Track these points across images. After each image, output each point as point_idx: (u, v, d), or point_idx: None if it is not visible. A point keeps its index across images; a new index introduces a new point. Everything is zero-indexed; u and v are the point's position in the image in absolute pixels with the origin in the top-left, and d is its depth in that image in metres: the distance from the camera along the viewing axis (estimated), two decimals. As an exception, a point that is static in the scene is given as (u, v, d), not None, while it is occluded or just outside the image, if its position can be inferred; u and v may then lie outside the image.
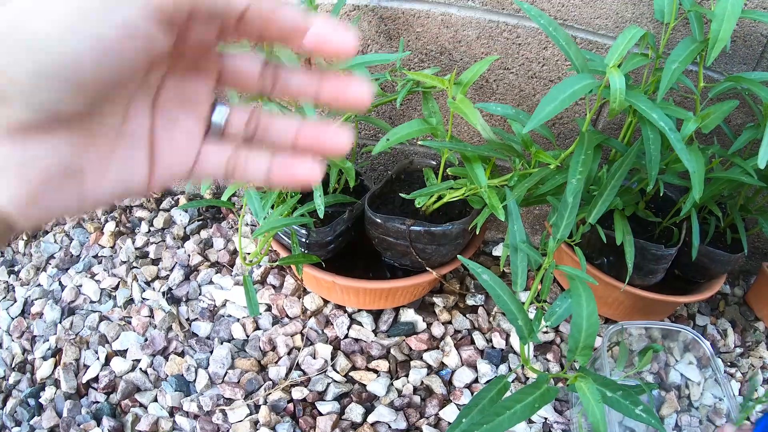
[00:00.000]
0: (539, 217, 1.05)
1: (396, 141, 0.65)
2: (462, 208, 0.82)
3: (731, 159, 0.74)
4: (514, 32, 0.79)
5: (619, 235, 0.73)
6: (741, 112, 0.86)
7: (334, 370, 0.85)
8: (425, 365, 0.87)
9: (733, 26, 0.59)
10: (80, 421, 0.79)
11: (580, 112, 0.87)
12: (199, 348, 0.88)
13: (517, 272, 0.59)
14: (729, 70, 0.82)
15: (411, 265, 0.83)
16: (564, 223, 0.60)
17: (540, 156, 0.67)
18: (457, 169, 0.72)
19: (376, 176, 1.07)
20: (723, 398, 0.86)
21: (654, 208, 0.89)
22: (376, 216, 0.76)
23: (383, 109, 0.94)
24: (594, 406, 0.41)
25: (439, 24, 0.80)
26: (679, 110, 0.63)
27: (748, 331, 1.02)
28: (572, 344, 0.44)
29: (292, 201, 0.75)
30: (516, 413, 0.41)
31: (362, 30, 0.84)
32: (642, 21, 0.77)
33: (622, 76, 0.55)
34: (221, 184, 1.21)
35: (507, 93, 0.86)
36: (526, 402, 0.41)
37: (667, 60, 0.61)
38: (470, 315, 0.94)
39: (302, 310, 0.93)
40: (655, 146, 0.62)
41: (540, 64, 0.82)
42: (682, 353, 0.92)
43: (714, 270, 0.87)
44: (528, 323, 0.51)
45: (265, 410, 0.79)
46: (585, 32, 0.79)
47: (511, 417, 0.40)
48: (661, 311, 0.96)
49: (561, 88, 0.54)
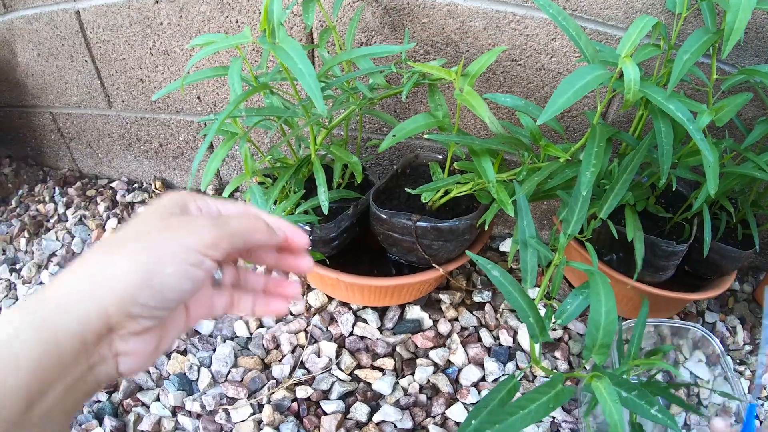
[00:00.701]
0: (547, 212, 1.04)
1: (402, 137, 0.64)
2: (469, 203, 0.81)
3: (744, 153, 0.72)
4: (522, 23, 0.78)
5: (630, 231, 0.71)
6: (752, 106, 0.84)
7: (339, 368, 0.84)
8: (431, 363, 0.86)
9: (749, 17, 0.58)
10: (82, 420, 0.78)
11: (588, 105, 0.86)
12: (201, 346, 0.87)
13: (527, 269, 0.58)
14: (740, 63, 0.80)
15: (417, 262, 0.81)
16: (575, 219, 0.59)
17: (549, 149, 0.65)
18: (465, 163, 0.71)
19: (381, 171, 1.05)
20: (733, 396, 0.85)
21: (664, 203, 0.88)
22: (382, 211, 0.75)
23: (388, 102, 0.92)
24: (612, 407, 0.40)
25: (445, 15, 0.79)
26: (692, 103, 0.62)
27: (758, 328, 1.00)
28: (589, 342, 0.43)
29: (295, 197, 0.74)
30: (530, 413, 0.39)
31: (366, 21, 0.82)
32: (653, 11, 0.75)
33: (636, 66, 0.54)
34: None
35: (515, 85, 0.84)
36: (540, 402, 0.40)
37: (679, 51, 0.60)
38: (477, 312, 0.93)
39: (306, 307, 0.92)
40: (668, 139, 0.60)
41: (548, 55, 0.80)
42: (691, 351, 0.91)
43: (724, 266, 0.86)
44: (540, 321, 0.49)
45: (268, 409, 0.78)
46: (594, 23, 0.77)
47: (524, 417, 0.39)
48: (670, 308, 0.94)
49: (573, 79, 0.52)
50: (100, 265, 0.28)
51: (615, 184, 0.63)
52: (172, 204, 0.32)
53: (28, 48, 1.08)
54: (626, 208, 0.74)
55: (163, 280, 0.29)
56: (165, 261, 0.29)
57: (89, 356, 0.28)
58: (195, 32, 0.93)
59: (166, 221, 0.30)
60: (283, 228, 0.35)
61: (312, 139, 0.72)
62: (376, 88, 0.70)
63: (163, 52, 0.98)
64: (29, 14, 1.02)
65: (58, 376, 0.27)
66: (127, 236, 0.30)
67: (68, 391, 0.28)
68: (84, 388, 0.29)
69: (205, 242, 0.30)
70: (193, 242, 0.30)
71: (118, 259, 0.28)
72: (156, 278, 0.28)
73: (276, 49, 0.52)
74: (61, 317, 0.27)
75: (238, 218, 0.33)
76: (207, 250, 0.30)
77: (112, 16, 0.96)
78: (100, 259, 0.29)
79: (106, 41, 1.00)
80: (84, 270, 0.28)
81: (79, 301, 0.27)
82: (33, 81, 1.14)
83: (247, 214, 0.35)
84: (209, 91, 1.02)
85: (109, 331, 0.28)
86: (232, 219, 0.32)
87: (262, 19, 0.53)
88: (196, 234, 0.30)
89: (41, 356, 0.26)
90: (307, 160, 0.75)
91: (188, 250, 0.29)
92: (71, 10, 0.98)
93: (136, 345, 0.30)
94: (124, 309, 0.28)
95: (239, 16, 0.88)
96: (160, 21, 0.94)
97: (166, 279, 0.29)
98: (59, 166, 1.33)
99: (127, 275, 0.28)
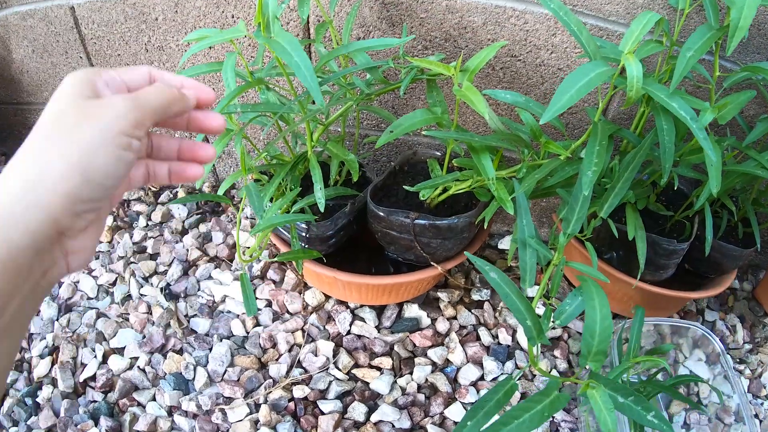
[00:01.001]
0: (546, 210, 1.03)
1: (400, 133, 0.63)
2: (467, 200, 0.80)
3: (745, 151, 0.71)
4: (521, 18, 0.77)
5: (631, 230, 0.71)
6: (754, 103, 0.83)
7: (336, 367, 0.83)
8: (430, 362, 0.85)
9: (754, 14, 0.57)
10: (78, 420, 0.77)
11: (588, 101, 0.85)
12: (198, 345, 0.86)
13: (525, 269, 0.57)
14: (742, 60, 0.79)
15: (415, 260, 0.80)
16: (575, 218, 0.58)
17: (550, 147, 0.64)
18: (464, 160, 0.70)
19: (378, 168, 1.04)
20: (732, 395, 0.84)
21: (665, 201, 0.87)
22: (379, 209, 0.74)
23: (386, 99, 0.91)
24: (606, 415, 0.39)
25: (444, 9, 0.78)
26: (695, 100, 0.61)
27: (757, 326, 1.00)
28: (585, 350, 0.42)
29: (291, 194, 0.73)
30: (525, 423, 0.38)
31: (363, 16, 0.81)
32: (654, 7, 0.74)
33: (639, 62, 0.53)
34: (152, 186, 1.19)
35: (514, 81, 0.83)
36: (534, 411, 0.39)
37: (682, 48, 0.59)
38: (476, 310, 0.92)
39: (303, 305, 0.91)
40: (670, 137, 0.59)
41: (549, 51, 0.79)
42: (691, 350, 0.90)
43: (725, 265, 0.85)
44: (537, 323, 0.48)
45: (265, 409, 0.77)
46: (595, 18, 0.76)
47: (519, 426, 0.38)
48: (670, 307, 0.94)
49: (576, 76, 0.51)
50: (36, 167, 0.28)
51: (616, 183, 0.62)
52: (80, 85, 0.31)
53: (22, 44, 1.07)
54: (627, 207, 0.74)
55: (100, 171, 0.29)
56: (96, 152, 0.29)
57: (43, 263, 0.29)
58: (190, 28, 0.92)
59: (82, 107, 0.30)
60: (190, 88, 0.36)
61: (308, 136, 0.71)
62: (373, 84, 0.69)
63: (159, 47, 0.97)
64: (23, 10, 1.00)
65: (17, 290, 0.27)
66: (51, 129, 0.29)
67: (25, 302, 0.28)
68: (39, 295, 0.30)
69: (130, 123, 0.30)
70: (119, 126, 0.30)
71: (51, 159, 0.28)
72: (93, 172, 0.29)
73: (271, 42, 0.51)
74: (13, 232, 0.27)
75: (154, 91, 0.33)
76: (133, 131, 0.30)
77: (107, 12, 0.95)
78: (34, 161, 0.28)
79: (101, 37, 0.99)
80: (21, 176, 0.28)
81: (27, 212, 0.27)
82: (28, 78, 1.13)
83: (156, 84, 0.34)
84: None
85: (59, 235, 0.29)
86: (149, 93, 0.32)
87: (257, 12, 0.52)
88: (117, 117, 0.30)
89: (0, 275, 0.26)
90: (304, 157, 0.74)
91: (115, 135, 0.30)
92: (66, 5, 0.96)
93: (83, 240, 0.31)
94: (70, 210, 0.28)
95: (235, 11, 0.87)
96: (155, 16, 0.92)
97: (102, 169, 0.29)
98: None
99: (65, 176, 0.28)
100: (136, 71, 0.35)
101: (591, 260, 0.66)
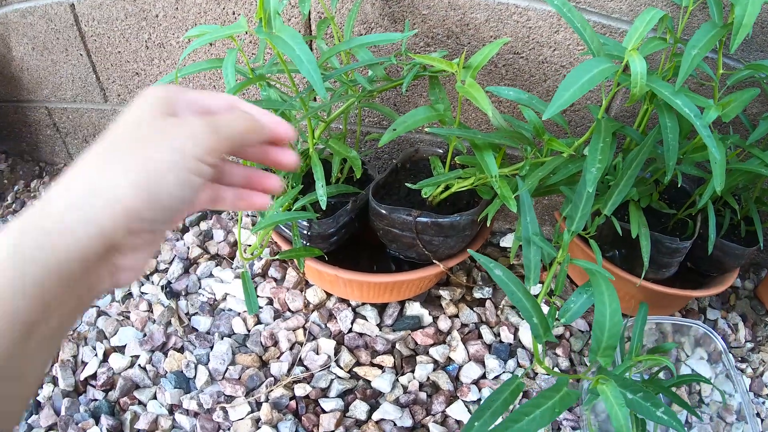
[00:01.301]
0: (548, 207, 1.03)
1: (403, 131, 0.62)
2: (470, 198, 0.80)
3: (749, 150, 0.71)
4: (524, 15, 0.76)
5: (634, 228, 0.70)
6: (757, 101, 0.83)
7: (338, 365, 0.83)
8: (431, 360, 0.85)
9: (758, 11, 0.56)
10: (78, 419, 0.77)
11: (591, 99, 0.84)
12: (198, 343, 0.86)
13: (530, 267, 0.57)
14: (746, 58, 0.79)
15: (417, 258, 0.80)
16: (579, 216, 0.58)
17: (553, 144, 0.64)
18: (466, 157, 0.70)
19: (380, 165, 1.04)
20: (734, 394, 0.84)
21: (667, 199, 0.87)
22: (381, 207, 0.74)
23: (387, 95, 0.91)
24: (618, 411, 0.39)
25: (446, 6, 0.77)
26: (699, 98, 0.61)
27: (759, 325, 1.00)
28: (595, 345, 0.42)
29: (293, 192, 0.72)
30: (535, 419, 0.38)
31: (365, 13, 0.81)
32: (657, 4, 0.74)
33: (643, 59, 0.52)
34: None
35: (516, 78, 0.83)
36: (545, 407, 0.39)
37: (687, 45, 0.58)
38: (478, 308, 0.92)
39: (305, 303, 0.91)
40: (673, 135, 0.59)
41: (551, 48, 0.79)
42: (693, 348, 0.90)
43: (727, 263, 0.85)
44: (543, 321, 0.48)
45: (266, 408, 0.77)
46: (598, 15, 0.76)
47: (530, 423, 0.38)
48: (673, 305, 0.93)
49: (578, 72, 0.51)
50: (100, 178, 0.27)
51: (620, 180, 0.62)
52: (159, 102, 0.30)
53: (22, 42, 1.06)
54: (630, 205, 0.73)
55: (165, 192, 0.28)
56: (166, 173, 0.28)
57: (90, 277, 0.28)
58: (191, 24, 0.92)
59: (159, 125, 0.29)
60: (267, 120, 0.34)
61: (310, 133, 0.71)
62: (375, 81, 0.69)
63: (159, 44, 0.97)
64: (23, 8, 1.00)
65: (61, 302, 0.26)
66: (120, 143, 0.28)
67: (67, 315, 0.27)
68: (81, 308, 0.28)
69: (204, 148, 0.29)
70: (192, 149, 0.29)
71: (116, 174, 0.27)
72: (159, 193, 0.27)
73: (273, 38, 0.51)
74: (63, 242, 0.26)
75: (233, 119, 0.32)
76: (205, 156, 0.29)
77: (107, 9, 0.94)
78: (96, 173, 0.27)
79: (101, 34, 0.99)
80: (81, 186, 0.27)
81: (79, 223, 0.26)
82: (28, 75, 1.12)
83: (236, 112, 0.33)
84: (206, 85, 1.00)
85: (111, 250, 0.28)
86: (228, 120, 0.31)
87: (258, 8, 0.51)
88: (193, 139, 0.29)
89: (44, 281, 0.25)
90: (305, 155, 0.74)
91: (187, 158, 0.28)
92: (66, 3, 0.96)
93: (135, 258, 0.29)
94: (126, 226, 0.27)
95: (236, 7, 0.86)
96: (155, 13, 0.92)
97: (169, 190, 0.28)
98: (55, 162, 1.31)
99: (128, 192, 0.27)
100: (218, 97, 0.34)
101: (594, 258, 0.66)
